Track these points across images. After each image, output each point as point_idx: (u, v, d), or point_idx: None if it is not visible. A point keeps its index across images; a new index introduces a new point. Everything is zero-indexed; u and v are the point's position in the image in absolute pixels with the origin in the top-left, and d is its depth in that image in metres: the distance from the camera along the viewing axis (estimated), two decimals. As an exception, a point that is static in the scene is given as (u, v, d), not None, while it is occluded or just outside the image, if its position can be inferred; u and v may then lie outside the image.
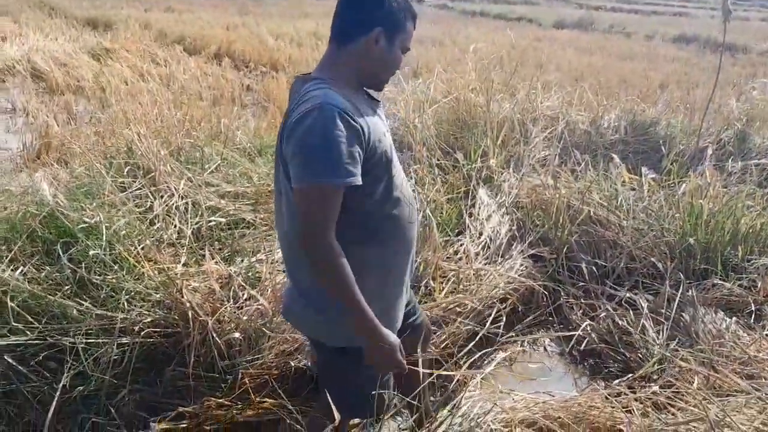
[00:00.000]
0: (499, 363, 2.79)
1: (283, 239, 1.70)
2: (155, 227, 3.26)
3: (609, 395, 2.34)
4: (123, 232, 2.99)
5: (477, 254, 3.45)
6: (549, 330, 3.28)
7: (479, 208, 3.82)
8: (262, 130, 5.74)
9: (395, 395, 1.85)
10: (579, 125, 5.47)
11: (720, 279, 3.33)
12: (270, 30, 13.82)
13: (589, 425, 2.21)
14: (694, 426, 2.05)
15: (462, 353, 2.64)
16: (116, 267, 2.81)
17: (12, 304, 2.46)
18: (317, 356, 1.85)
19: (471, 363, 2.62)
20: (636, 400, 2.28)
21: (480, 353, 2.63)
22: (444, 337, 2.88)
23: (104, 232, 2.87)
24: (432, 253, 3.22)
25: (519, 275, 3.34)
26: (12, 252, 2.75)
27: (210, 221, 3.50)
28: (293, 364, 2.60)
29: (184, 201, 3.53)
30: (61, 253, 2.77)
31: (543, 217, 3.84)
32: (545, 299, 3.40)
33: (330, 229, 1.47)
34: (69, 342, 2.44)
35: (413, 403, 1.92)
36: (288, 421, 2.23)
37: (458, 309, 3.02)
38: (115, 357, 2.44)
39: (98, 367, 2.41)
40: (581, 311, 3.32)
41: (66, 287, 2.68)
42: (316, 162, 1.44)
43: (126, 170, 3.82)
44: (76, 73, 8.29)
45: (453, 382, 2.61)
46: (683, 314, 3.04)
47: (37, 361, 2.41)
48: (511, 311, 3.24)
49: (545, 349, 3.18)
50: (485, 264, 3.40)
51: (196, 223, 3.40)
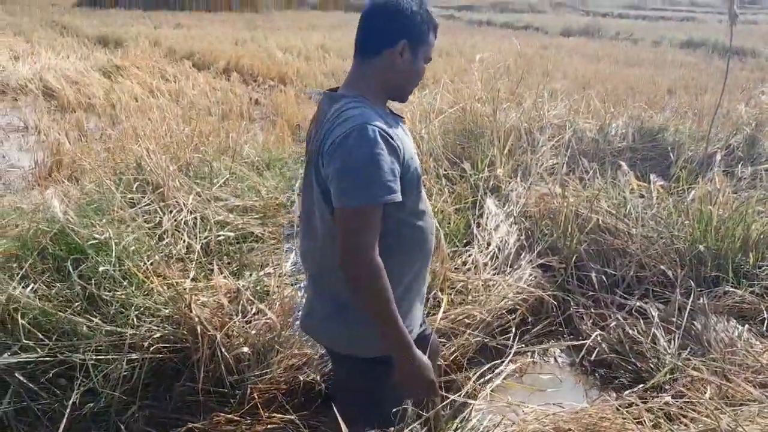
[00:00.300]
0: (509, 374, 2.78)
1: (314, 253, 1.69)
2: (164, 242, 3.28)
3: (620, 406, 2.31)
4: (132, 248, 3.01)
5: (485, 264, 3.44)
6: (559, 340, 3.26)
7: (487, 218, 3.81)
8: (271, 144, 5.79)
9: (406, 408, 1.84)
10: (586, 133, 5.45)
11: (731, 286, 3.30)
12: (278, 44, 13.96)
13: (600, 437, 2.19)
14: (707, 436, 2.02)
15: (471, 365, 2.62)
16: (126, 283, 2.82)
17: (23, 321, 2.48)
18: (341, 370, 1.84)
19: (480, 375, 2.61)
20: (647, 411, 2.25)
21: (489, 365, 2.62)
22: (453, 349, 2.87)
23: (114, 248, 2.89)
24: (440, 264, 3.22)
25: (528, 285, 3.32)
26: (23, 269, 2.78)
27: (219, 236, 3.52)
28: (302, 379, 2.60)
29: (193, 216, 3.55)
30: (72, 270, 2.80)
31: (551, 226, 3.82)
32: (555, 309, 3.37)
33: (375, 247, 1.48)
34: (79, 359, 2.45)
35: (423, 415, 1.91)
36: (297, 436, 2.24)
37: (467, 320, 3.01)
38: (125, 373, 2.46)
39: (108, 384, 2.42)
40: (591, 321, 3.29)
41: (76, 304, 2.70)
42: (361, 183, 1.46)
43: (135, 186, 3.86)
44: (87, 91, 8.40)
45: (462, 394, 2.59)
46: (695, 322, 3.01)
47: (48, 378, 2.43)
48: (521, 322, 3.22)
49: (555, 360, 3.16)
50: (494, 274, 3.38)
51: (205, 238, 3.42)
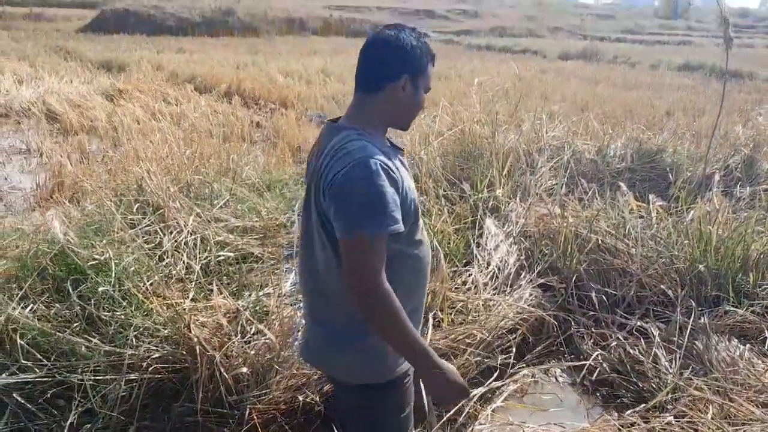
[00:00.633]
0: (510, 394, 2.76)
1: (315, 279, 1.69)
2: (164, 263, 3.29)
3: (622, 426, 2.31)
4: (132, 269, 3.02)
5: (485, 284, 3.44)
6: (560, 360, 3.24)
7: (487, 238, 3.81)
8: (272, 165, 5.83)
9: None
10: (585, 154, 5.49)
11: (732, 305, 3.29)
12: (279, 68, 14.09)
13: (602, 457, 2.17)
14: (710, 456, 2.01)
15: (472, 385, 2.61)
16: (125, 303, 2.82)
17: (21, 342, 2.48)
18: (341, 396, 1.83)
19: (481, 395, 2.60)
20: (649, 431, 2.24)
21: (490, 385, 2.61)
22: (453, 369, 2.85)
23: (113, 269, 2.90)
24: (440, 284, 3.22)
25: (528, 305, 3.32)
26: (23, 290, 2.78)
27: (218, 256, 3.52)
28: (301, 399, 2.58)
29: (193, 236, 3.56)
30: (71, 290, 2.80)
31: (551, 247, 3.83)
32: (555, 329, 3.36)
33: (382, 275, 1.50)
34: (77, 379, 2.45)
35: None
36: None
37: (467, 340, 3.00)
38: (123, 393, 2.44)
39: (106, 404, 2.41)
40: (592, 341, 3.28)
41: (75, 324, 2.70)
42: (366, 215, 1.48)
43: (136, 207, 3.87)
44: (90, 114, 8.46)
45: (463, 415, 2.58)
46: (696, 342, 3.00)
47: (46, 399, 2.42)
48: (521, 342, 3.21)
49: (556, 380, 3.14)
50: (494, 294, 3.38)
51: (205, 258, 3.42)
